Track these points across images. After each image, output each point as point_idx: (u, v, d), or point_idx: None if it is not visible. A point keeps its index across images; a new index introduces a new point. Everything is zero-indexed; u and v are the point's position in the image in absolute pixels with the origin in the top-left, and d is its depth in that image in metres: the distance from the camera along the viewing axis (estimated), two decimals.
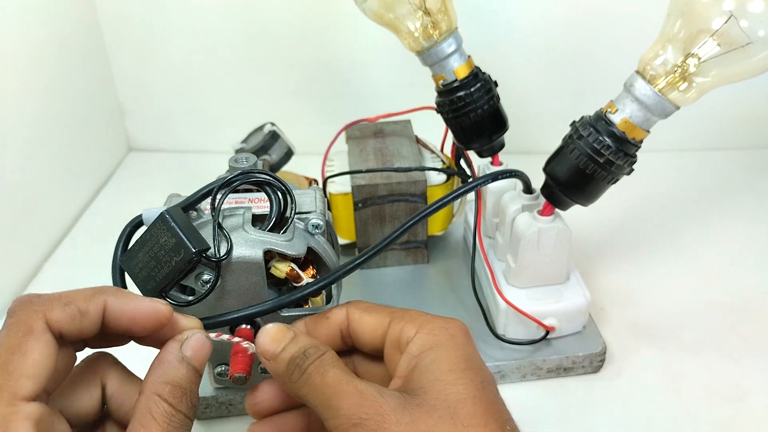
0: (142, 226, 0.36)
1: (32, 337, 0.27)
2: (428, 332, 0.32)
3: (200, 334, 0.31)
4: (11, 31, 0.61)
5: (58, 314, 0.28)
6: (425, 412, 0.28)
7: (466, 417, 0.28)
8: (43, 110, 0.65)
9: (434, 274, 0.59)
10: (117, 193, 0.76)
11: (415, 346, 0.32)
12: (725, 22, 0.39)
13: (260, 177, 0.37)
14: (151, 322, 0.30)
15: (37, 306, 0.28)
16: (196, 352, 0.30)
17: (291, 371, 0.31)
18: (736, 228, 0.66)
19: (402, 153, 0.58)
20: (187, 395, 0.29)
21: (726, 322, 0.55)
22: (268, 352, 0.32)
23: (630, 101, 0.42)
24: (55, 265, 0.64)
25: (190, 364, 0.30)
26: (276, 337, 0.32)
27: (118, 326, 0.30)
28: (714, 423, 0.46)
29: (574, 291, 0.50)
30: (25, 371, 0.26)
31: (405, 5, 0.49)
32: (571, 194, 0.45)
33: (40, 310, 0.28)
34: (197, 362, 0.30)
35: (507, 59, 0.71)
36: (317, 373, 0.30)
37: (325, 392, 0.30)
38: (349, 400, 0.29)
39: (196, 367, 0.30)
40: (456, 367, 0.30)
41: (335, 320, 0.35)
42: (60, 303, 0.28)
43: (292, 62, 0.76)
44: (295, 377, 0.31)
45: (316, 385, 0.30)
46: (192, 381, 0.30)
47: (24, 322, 0.27)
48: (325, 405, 0.29)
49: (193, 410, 0.29)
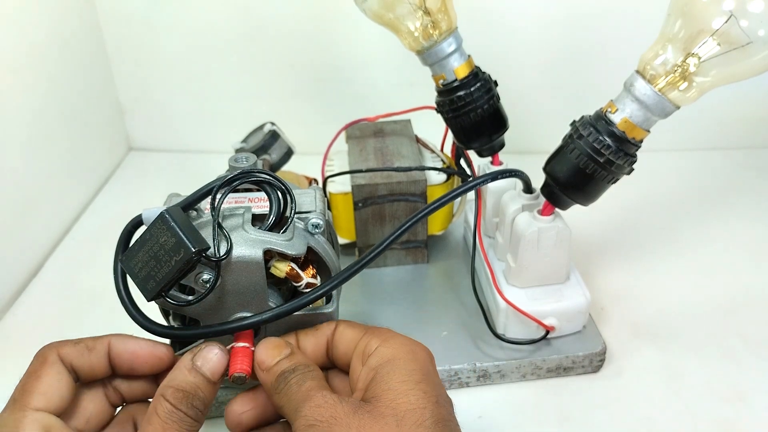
0: (142, 225, 0.36)
1: (46, 365, 0.34)
2: (389, 346, 0.34)
3: (213, 345, 0.34)
4: (11, 31, 0.61)
5: (69, 349, 0.35)
6: (373, 418, 0.30)
7: (412, 426, 0.30)
8: (43, 110, 0.65)
9: (434, 274, 0.59)
10: (117, 192, 0.76)
11: (375, 358, 0.34)
12: (725, 22, 0.39)
13: (260, 176, 0.37)
14: (151, 360, 0.36)
15: (52, 345, 0.35)
16: (206, 361, 0.34)
17: (277, 384, 0.33)
18: (736, 228, 0.66)
19: (402, 153, 0.58)
20: (189, 398, 0.32)
21: (726, 322, 0.55)
22: (263, 363, 0.34)
23: (630, 101, 0.42)
24: (56, 264, 0.64)
25: (198, 372, 0.33)
26: (273, 351, 0.35)
27: (122, 364, 0.36)
28: (714, 423, 0.46)
29: (574, 291, 0.50)
30: (37, 389, 0.33)
31: (405, 5, 0.49)
32: (571, 194, 0.45)
33: (55, 346, 0.35)
34: (208, 371, 0.34)
35: (507, 59, 0.71)
36: (296, 384, 0.33)
37: (297, 399, 0.32)
38: (312, 402, 0.31)
39: (206, 375, 0.33)
40: (410, 379, 0.32)
41: (324, 333, 0.37)
42: (72, 342, 0.35)
43: (292, 62, 0.76)
44: (279, 389, 0.33)
45: (292, 393, 0.32)
46: (198, 387, 0.33)
47: (41, 355, 0.34)
48: (294, 410, 0.32)
49: (194, 410, 0.32)
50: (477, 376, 0.49)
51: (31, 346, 0.54)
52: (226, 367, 0.34)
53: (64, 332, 0.55)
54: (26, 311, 0.58)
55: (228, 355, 0.35)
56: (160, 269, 0.33)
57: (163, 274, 0.33)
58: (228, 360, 0.35)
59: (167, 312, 0.39)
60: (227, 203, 0.38)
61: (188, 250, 0.32)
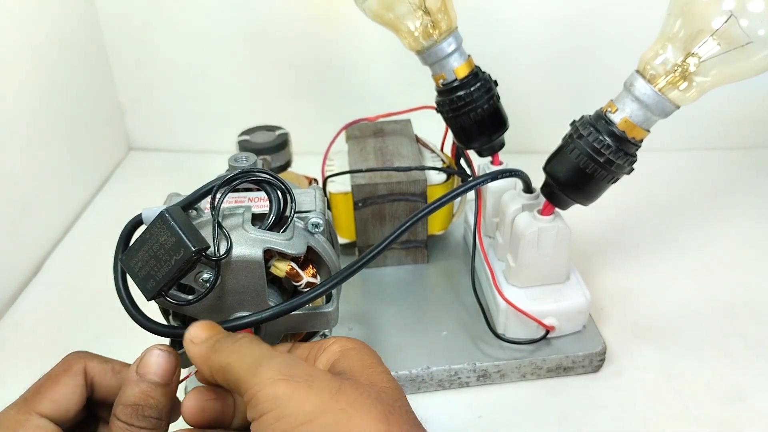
0: (142, 225, 0.36)
1: (68, 373, 0.33)
2: (346, 341, 0.33)
3: (152, 348, 0.33)
4: (11, 32, 0.61)
5: (96, 364, 0.34)
6: (352, 385, 0.28)
7: (390, 401, 0.29)
8: (43, 110, 0.65)
9: (434, 274, 0.59)
10: (117, 192, 0.76)
11: (336, 345, 0.33)
12: (725, 22, 0.39)
13: (260, 176, 0.37)
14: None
15: (82, 354, 0.34)
16: (147, 366, 0.32)
17: (220, 341, 0.31)
18: (736, 228, 0.66)
19: (402, 152, 0.58)
20: (140, 410, 0.31)
21: (726, 322, 0.55)
22: (198, 337, 0.32)
23: (630, 101, 0.42)
24: (56, 264, 0.64)
25: (143, 380, 0.32)
26: (210, 326, 0.33)
27: None
28: (714, 423, 0.46)
29: (574, 291, 0.50)
30: (49, 395, 0.32)
31: (405, 5, 0.49)
32: (571, 194, 0.45)
33: (83, 357, 0.34)
34: (153, 375, 0.32)
35: (507, 59, 0.71)
36: (250, 342, 0.31)
37: (257, 354, 0.29)
38: (281, 359, 0.29)
39: (153, 380, 0.32)
40: (378, 364, 0.31)
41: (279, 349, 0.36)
42: (102, 358, 0.34)
43: (292, 62, 0.76)
44: (224, 346, 0.30)
45: (247, 349, 0.30)
46: (147, 395, 0.32)
47: (67, 361, 0.34)
48: (252, 366, 0.29)
49: (147, 420, 0.31)
50: (477, 376, 0.49)
51: (31, 346, 0.54)
52: (174, 364, 0.33)
53: (64, 332, 0.56)
54: (26, 311, 0.58)
55: (172, 353, 0.33)
56: (160, 269, 0.33)
57: (163, 274, 0.33)
58: (173, 357, 0.33)
59: (167, 311, 0.39)
60: (227, 203, 0.38)
61: (188, 249, 0.32)
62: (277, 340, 0.40)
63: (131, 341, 0.45)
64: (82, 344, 0.54)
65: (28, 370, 0.35)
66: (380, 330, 0.52)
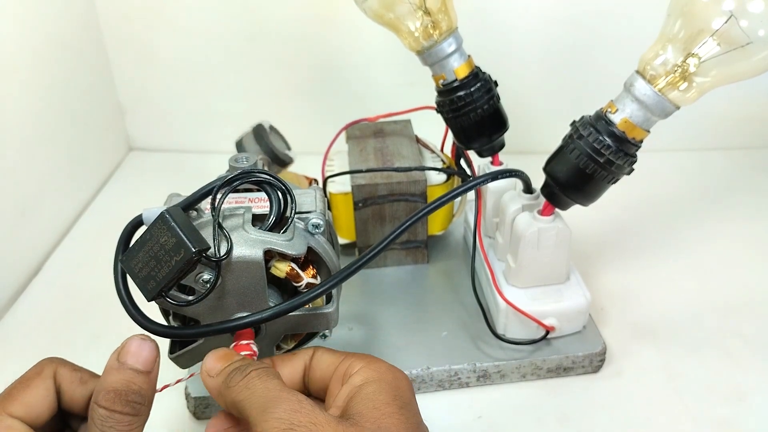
0: (142, 225, 0.36)
1: (39, 377, 0.33)
2: (374, 369, 0.33)
3: (134, 338, 0.33)
4: (11, 32, 0.61)
5: (65, 371, 0.34)
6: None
7: None
8: (43, 110, 0.65)
9: (434, 274, 0.59)
10: (117, 193, 0.76)
11: (358, 377, 0.33)
12: (725, 22, 0.39)
13: (260, 176, 0.37)
14: None
15: (54, 359, 0.34)
16: (129, 354, 0.33)
17: (232, 377, 0.32)
18: (736, 228, 0.66)
19: (402, 153, 0.58)
20: (123, 395, 0.32)
21: (726, 322, 0.55)
22: (212, 370, 0.33)
23: (630, 101, 0.42)
24: (56, 264, 0.64)
25: (126, 368, 0.32)
26: (224, 357, 0.33)
27: None
28: (714, 423, 0.46)
29: (574, 291, 0.50)
30: (21, 398, 0.32)
31: (405, 5, 0.49)
32: (571, 194, 0.45)
33: (55, 363, 0.34)
34: (135, 363, 0.33)
35: (507, 59, 0.71)
36: (259, 378, 0.31)
37: (264, 395, 0.30)
38: (287, 405, 0.29)
39: (136, 368, 0.33)
40: (394, 403, 0.31)
41: (301, 358, 0.36)
42: (72, 366, 0.34)
43: (292, 62, 0.76)
44: (234, 382, 0.31)
45: (256, 388, 0.30)
46: (130, 381, 0.32)
47: (40, 365, 0.34)
48: (260, 408, 0.29)
49: (131, 406, 0.32)
50: (477, 376, 0.49)
51: (31, 346, 0.54)
52: (155, 353, 0.33)
53: (64, 332, 0.56)
54: (26, 311, 0.58)
55: (153, 342, 0.33)
56: (161, 269, 0.33)
57: (163, 275, 0.33)
58: (154, 345, 0.33)
59: (167, 312, 0.39)
60: (227, 203, 0.38)
61: (188, 250, 0.32)
62: (277, 340, 0.40)
63: None
64: (81, 344, 0.54)
65: None
66: (380, 330, 0.52)
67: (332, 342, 0.41)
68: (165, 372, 0.47)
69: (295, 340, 0.41)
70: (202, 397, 0.46)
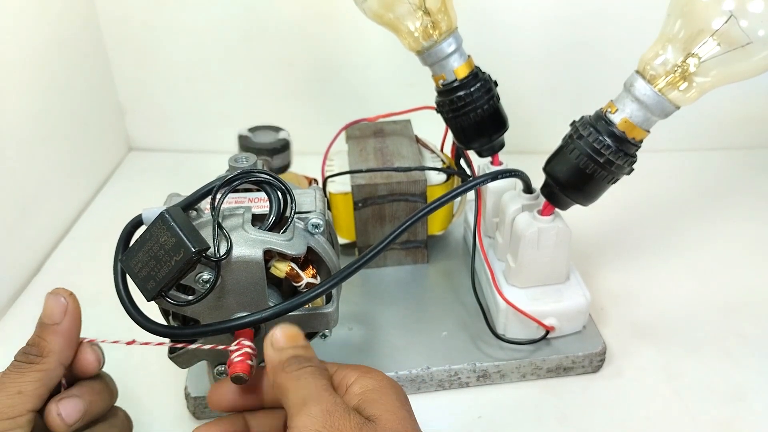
0: (142, 225, 0.36)
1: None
2: (371, 377, 0.34)
3: (48, 293, 0.36)
4: (11, 32, 0.61)
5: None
6: None
7: None
8: (43, 110, 0.65)
9: (434, 274, 0.59)
10: (117, 193, 0.76)
11: (358, 386, 0.34)
12: (725, 22, 0.39)
13: (260, 176, 0.37)
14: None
15: None
16: (43, 310, 0.35)
17: (290, 363, 0.33)
18: (736, 228, 0.66)
19: (402, 153, 0.58)
20: (24, 347, 0.35)
21: (726, 322, 0.55)
22: (279, 342, 0.34)
23: (630, 101, 0.42)
24: (56, 264, 0.64)
25: (38, 323, 0.35)
26: (292, 337, 0.34)
27: None
28: (714, 423, 0.46)
29: (574, 291, 0.50)
30: None
31: (405, 5, 0.49)
32: (571, 194, 0.45)
33: None
34: (43, 317, 0.35)
35: (507, 59, 0.71)
36: (311, 375, 0.32)
37: (308, 391, 0.31)
38: (323, 406, 0.31)
39: (42, 321, 0.35)
40: (403, 408, 0.33)
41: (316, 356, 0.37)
42: None
43: (292, 62, 0.76)
44: (291, 369, 0.32)
45: (306, 382, 0.32)
46: (38, 335, 0.35)
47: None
48: (300, 401, 0.31)
49: (25, 355, 0.35)
50: (477, 376, 0.49)
51: None
52: (62, 306, 0.35)
53: None
54: (26, 311, 0.58)
55: (61, 295, 0.35)
56: (160, 269, 0.33)
57: (163, 274, 0.33)
58: (62, 298, 0.35)
59: (167, 312, 0.39)
60: (227, 203, 0.38)
61: (188, 250, 0.32)
62: None
63: None
64: None
65: None
66: (380, 330, 0.52)
67: (332, 342, 0.41)
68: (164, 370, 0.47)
69: None
70: (202, 397, 0.46)
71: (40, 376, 0.34)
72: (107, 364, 0.37)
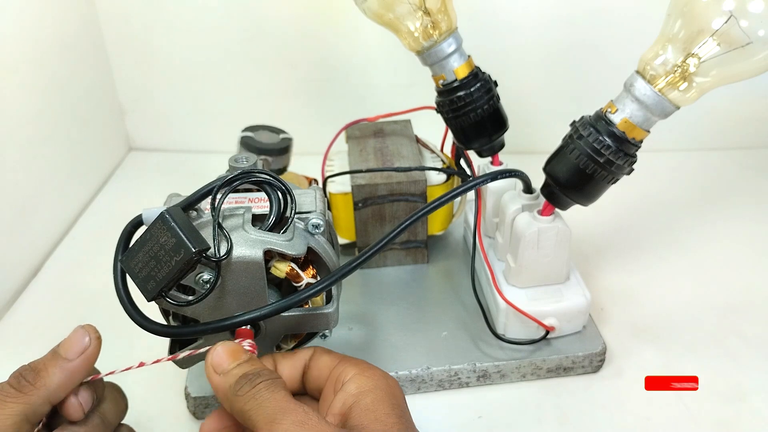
0: (142, 225, 0.36)
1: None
2: (368, 377, 0.33)
3: (77, 327, 0.34)
4: (11, 31, 0.61)
5: None
6: None
7: None
8: (43, 110, 0.65)
9: (434, 274, 0.59)
10: (117, 192, 0.76)
11: (353, 385, 0.33)
12: (725, 22, 0.39)
13: (260, 177, 0.37)
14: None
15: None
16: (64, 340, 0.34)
17: (240, 385, 0.31)
18: (736, 228, 0.66)
19: (402, 153, 0.58)
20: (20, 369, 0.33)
21: (726, 322, 0.55)
22: (220, 366, 0.32)
23: (630, 101, 0.42)
24: (56, 264, 0.64)
25: (53, 350, 0.34)
26: (232, 354, 0.33)
27: None
28: (714, 423, 0.46)
29: (574, 291, 0.50)
30: None
31: (405, 5, 0.49)
32: (571, 194, 0.45)
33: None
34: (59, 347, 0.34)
35: (507, 59, 0.71)
36: (267, 390, 0.31)
37: (271, 407, 0.30)
38: (294, 417, 0.29)
39: (58, 352, 0.34)
40: (393, 413, 0.31)
41: (302, 357, 0.36)
42: None
43: (292, 62, 0.76)
44: (243, 391, 0.31)
45: (264, 399, 0.30)
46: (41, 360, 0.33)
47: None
48: (268, 419, 0.29)
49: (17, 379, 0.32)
50: (477, 376, 0.49)
51: (31, 346, 0.54)
52: (83, 347, 0.33)
53: (64, 332, 0.55)
54: (26, 311, 0.58)
55: (87, 334, 0.34)
56: (161, 269, 0.33)
57: (163, 275, 0.33)
58: (87, 339, 0.34)
59: (167, 312, 0.39)
60: (227, 203, 0.38)
61: (188, 250, 0.32)
62: (277, 340, 0.40)
63: (131, 342, 0.45)
64: None
65: None
66: (380, 330, 0.52)
67: (332, 342, 0.41)
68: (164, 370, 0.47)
69: (295, 340, 0.41)
70: (202, 396, 0.46)
71: (22, 410, 0.31)
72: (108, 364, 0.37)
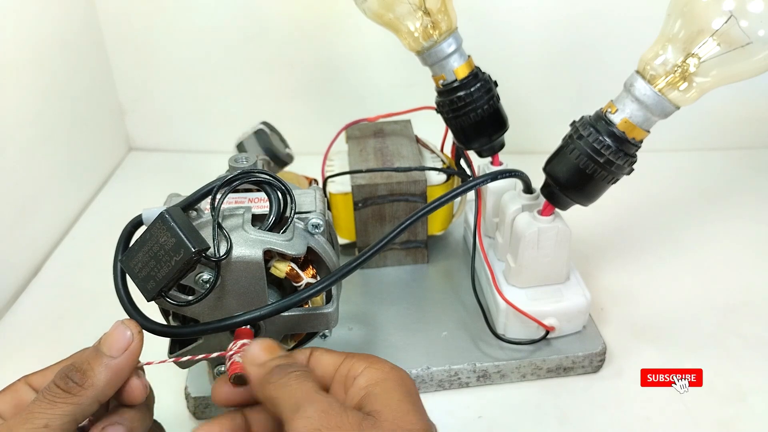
0: (142, 225, 0.36)
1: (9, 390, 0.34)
2: (378, 369, 0.33)
3: (117, 322, 0.34)
4: (11, 31, 0.61)
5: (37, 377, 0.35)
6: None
7: None
8: (43, 110, 0.65)
9: (434, 274, 0.59)
10: (117, 193, 0.76)
11: (364, 378, 0.33)
12: (725, 22, 0.39)
13: (260, 177, 0.37)
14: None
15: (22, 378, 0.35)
16: (105, 336, 0.34)
17: (274, 373, 0.32)
18: (736, 228, 0.66)
19: (402, 153, 0.58)
20: (67, 369, 0.32)
21: (726, 322, 0.55)
22: (258, 358, 0.33)
23: (630, 101, 0.42)
24: (56, 264, 0.64)
25: (94, 347, 0.34)
26: (270, 347, 0.34)
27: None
28: (714, 423, 0.46)
29: (574, 291, 0.50)
30: None
31: (405, 5, 0.49)
32: (571, 194, 0.45)
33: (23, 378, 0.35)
34: (104, 345, 0.33)
35: (507, 59, 0.71)
36: (296, 380, 0.32)
37: (298, 395, 0.31)
38: (318, 406, 0.30)
39: (101, 349, 0.33)
40: (407, 400, 0.32)
41: (298, 359, 0.36)
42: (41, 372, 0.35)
43: (291, 62, 0.76)
44: (275, 378, 0.32)
45: (293, 388, 0.31)
46: (85, 359, 0.33)
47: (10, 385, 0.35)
48: (293, 407, 0.30)
49: (65, 381, 0.32)
50: (477, 376, 0.49)
51: (31, 346, 0.54)
52: (127, 342, 0.33)
53: (64, 332, 0.56)
54: (26, 311, 0.58)
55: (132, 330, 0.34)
56: (160, 269, 0.33)
57: (163, 275, 0.33)
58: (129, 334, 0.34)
59: (167, 312, 0.39)
60: (227, 203, 0.38)
61: (188, 250, 0.32)
62: (277, 340, 0.40)
63: None
64: (81, 344, 0.54)
65: (28, 370, 0.35)
66: (380, 330, 0.52)
67: (332, 342, 0.41)
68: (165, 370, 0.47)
69: (295, 340, 0.41)
70: (202, 397, 0.46)
71: (72, 410, 0.31)
72: None
